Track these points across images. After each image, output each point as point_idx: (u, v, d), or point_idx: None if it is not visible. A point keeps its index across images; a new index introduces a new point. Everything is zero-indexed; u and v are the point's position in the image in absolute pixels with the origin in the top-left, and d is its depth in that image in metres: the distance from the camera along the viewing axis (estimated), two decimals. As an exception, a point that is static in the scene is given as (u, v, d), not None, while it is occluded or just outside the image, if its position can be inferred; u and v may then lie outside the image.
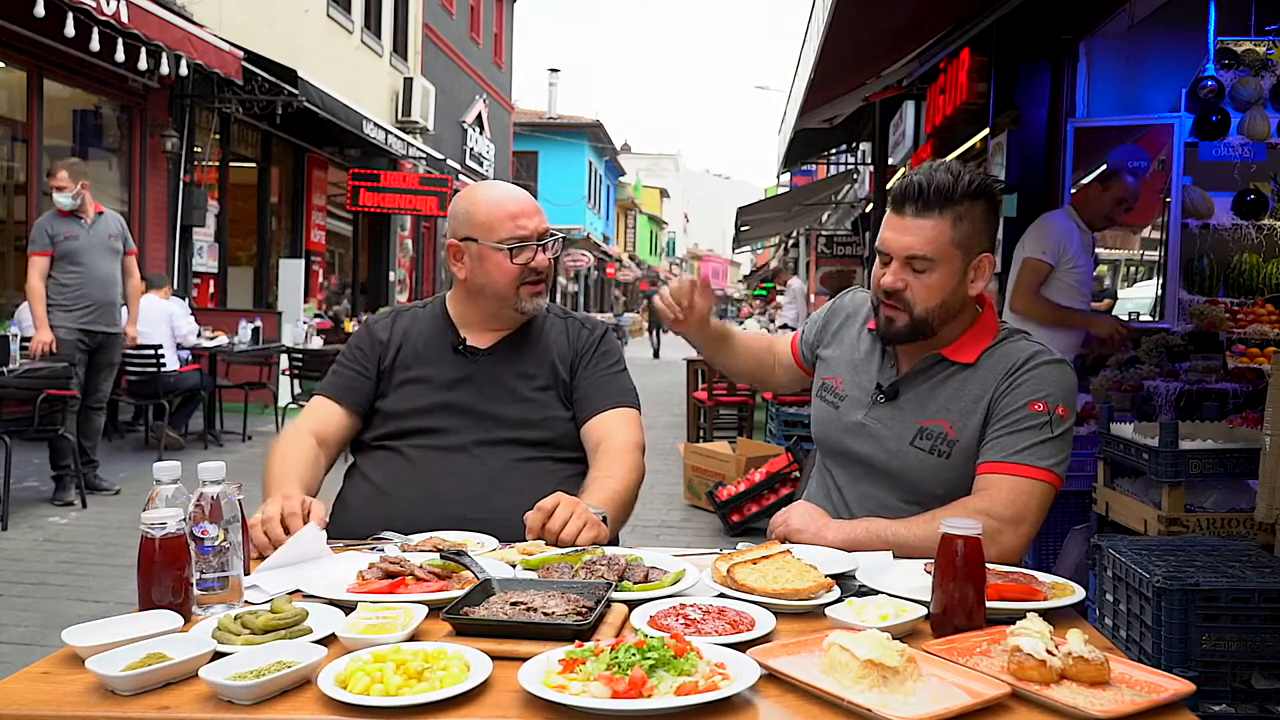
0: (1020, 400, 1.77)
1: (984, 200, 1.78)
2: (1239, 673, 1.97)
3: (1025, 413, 1.76)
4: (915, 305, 1.79)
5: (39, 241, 5.62)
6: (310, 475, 1.97)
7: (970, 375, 1.84)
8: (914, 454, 1.84)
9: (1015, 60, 5.63)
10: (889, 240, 1.80)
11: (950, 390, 1.84)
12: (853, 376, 1.97)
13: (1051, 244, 4.20)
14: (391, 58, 15.41)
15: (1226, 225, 5.34)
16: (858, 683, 1.10)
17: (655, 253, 58.61)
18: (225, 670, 1.12)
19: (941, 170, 1.77)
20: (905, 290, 1.79)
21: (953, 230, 1.75)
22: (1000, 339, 1.86)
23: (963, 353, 1.85)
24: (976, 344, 1.85)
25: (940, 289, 1.78)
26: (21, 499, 5.63)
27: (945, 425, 1.82)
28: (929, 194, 1.74)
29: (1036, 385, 1.78)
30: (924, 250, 1.76)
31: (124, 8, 6.81)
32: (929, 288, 1.78)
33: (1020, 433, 1.76)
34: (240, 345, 8.31)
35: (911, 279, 1.78)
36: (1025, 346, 1.85)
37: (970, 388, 1.83)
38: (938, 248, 1.76)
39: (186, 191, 9.82)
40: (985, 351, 1.84)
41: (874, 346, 1.96)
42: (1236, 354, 4.61)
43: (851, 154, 14.12)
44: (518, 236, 2.05)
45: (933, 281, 1.77)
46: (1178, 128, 5.26)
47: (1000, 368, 1.82)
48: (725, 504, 5.54)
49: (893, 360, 1.92)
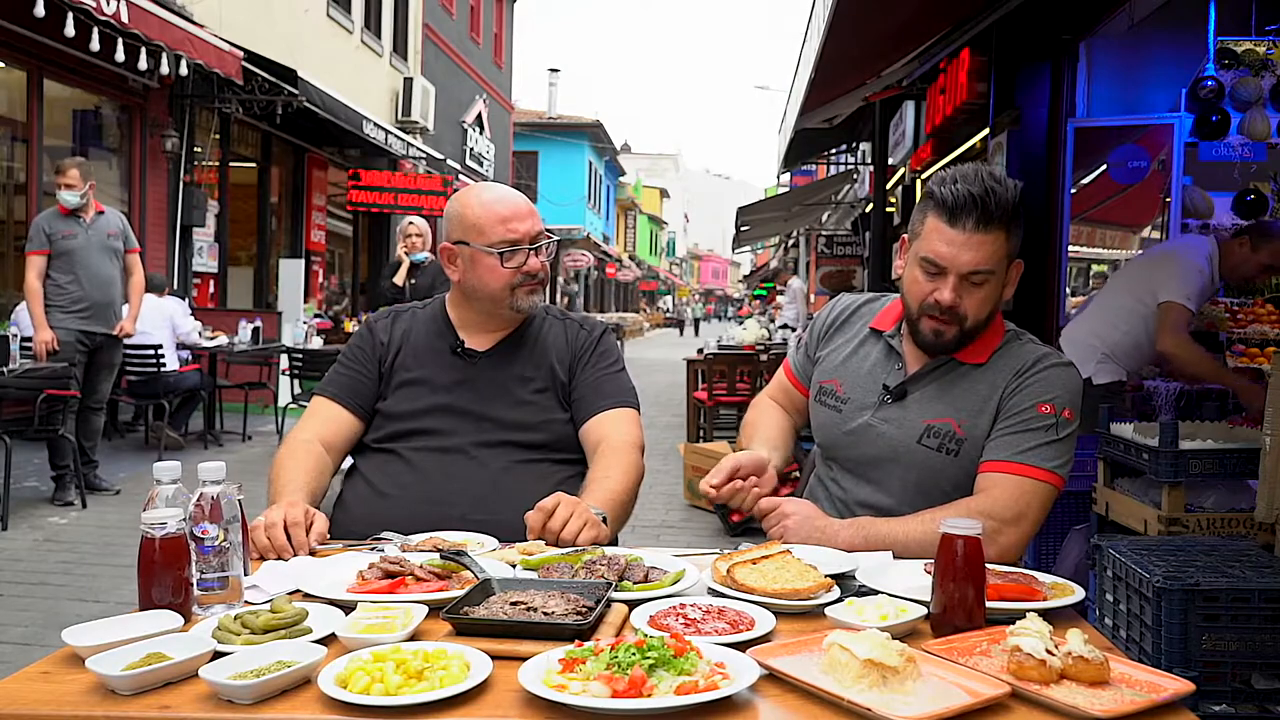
0: (1028, 401, 1.78)
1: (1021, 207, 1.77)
2: (1239, 673, 1.96)
3: (1032, 414, 1.77)
4: (968, 318, 1.78)
5: (36, 240, 5.61)
6: (316, 484, 1.97)
7: (980, 374, 1.84)
8: (921, 452, 1.84)
9: (1015, 60, 5.63)
10: (946, 256, 1.74)
11: (960, 389, 1.85)
12: (854, 379, 1.96)
13: (1196, 292, 3.76)
14: (391, 58, 15.41)
15: (1226, 225, 5.35)
16: (858, 682, 1.10)
17: (655, 253, 58.66)
18: (225, 670, 1.12)
19: (990, 180, 1.72)
20: (960, 308, 1.77)
21: (1008, 244, 1.75)
22: (1008, 338, 1.88)
23: (973, 354, 1.85)
24: (987, 344, 1.86)
25: (991, 300, 1.78)
26: (21, 499, 5.63)
27: (953, 423, 1.83)
28: (992, 209, 1.71)
29: (1045, 387, 1.79)
30: (986, 264, 1.74)
31: (124, 8, 6.81)
32: (983, 300, 1.77)
33: (1025, 433, 1.77)
34: (240, 345, 8.31)
35: (966, 292, 1.76)
36: (1034, 348, 1.86)
37: (980, 387, 1.83)
38: (996, 262, 1.75)
39: (186, 191, 9.82)
40: (995, 351, 1.85)
41: (879, 347, 1.96)
42: (1236, 354, 4.62)
43: (851, 154, 14.12)
44: (509, 240, 2.04)
45: (986, 294, 1.77)
46: (1178, 128, 5.26)
47: (1009, 368, 1.83)
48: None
49: (900, 362, 1.91)
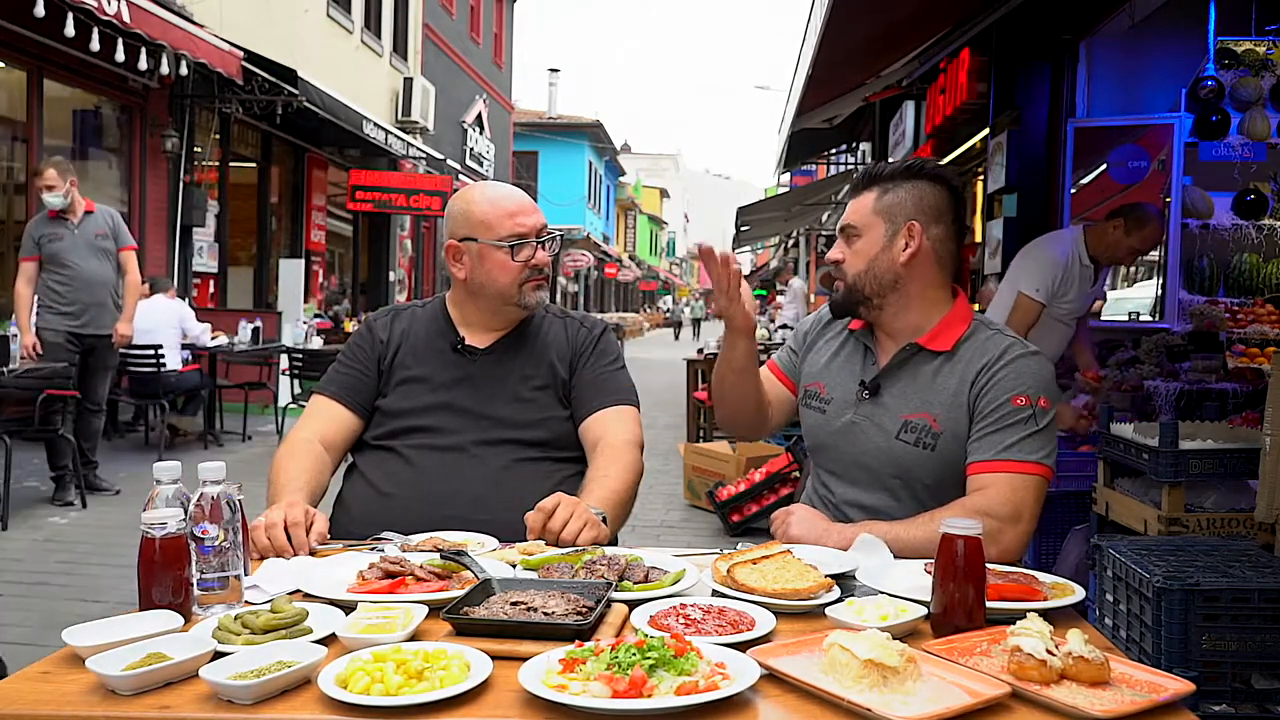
0: (1002, 396, 1.80)
1: (918, 180, 1.90)
2: (1239, 673, 1.96)
3: (1009, 408, 1.79)
4: (848, 272, 1.93)
5: (25, 246, 5.63)
6: (316, 483, 1.97)
7: (947, 365, 1.87)
8: (901, 447, 1.87)
9: (1015, 60, 5.64)
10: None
11: (930, 382, 1.87)
12: (835, 379, 2.00)
13: (1045, 280, 3.90)
14: (391, 58, 15.41)
15: (1226, 225, 5.35)
16: (858, 683, 1.10)
17: (655, 253, 58.65)
18: (225, 670, 1.12)
19: (884, 163, 2.00)
20: (843, 261, 1.94)
21: (876, 201, 1.91)
22: (975, 328, 1.91)
23: (938, 341, 1.89)
24: (951, 332, 1.90)
25: (865, 254, 1.91)
26: (21, 499, 5.63)
27: (929, 418, 1.85)
28: (861, 178, 1.96)
29: (1016, 380, 1.81)
30: (850, 219, 1.94)
31: (125, 8, 6.81)
32: (856, 253, 1.92)
33: (1006, 429, 1.79)
34: (240, 345, 8.31)
35: (847, 250, 1.94)
36: (1000, 340, 1.88)
37: (949, 380, 1.86)
38: (861, 216, 1.92)
39: (186, 191, 9.81)
40: (960, 340, 1.89)
41: (854, 346, 2.01)
42: (1236, 354, 4.62)
43: (851, 154, 14.13)
44: (517, 234, 2.05)
45: (859, 247, 1.92)
46: (1178, 128, 5.26)
47: (976, 361, 1.85)
48: (725, 504, 5.54)
49: (873, 357, 1.96)
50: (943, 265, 1.91)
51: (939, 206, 1.89)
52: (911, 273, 1.89)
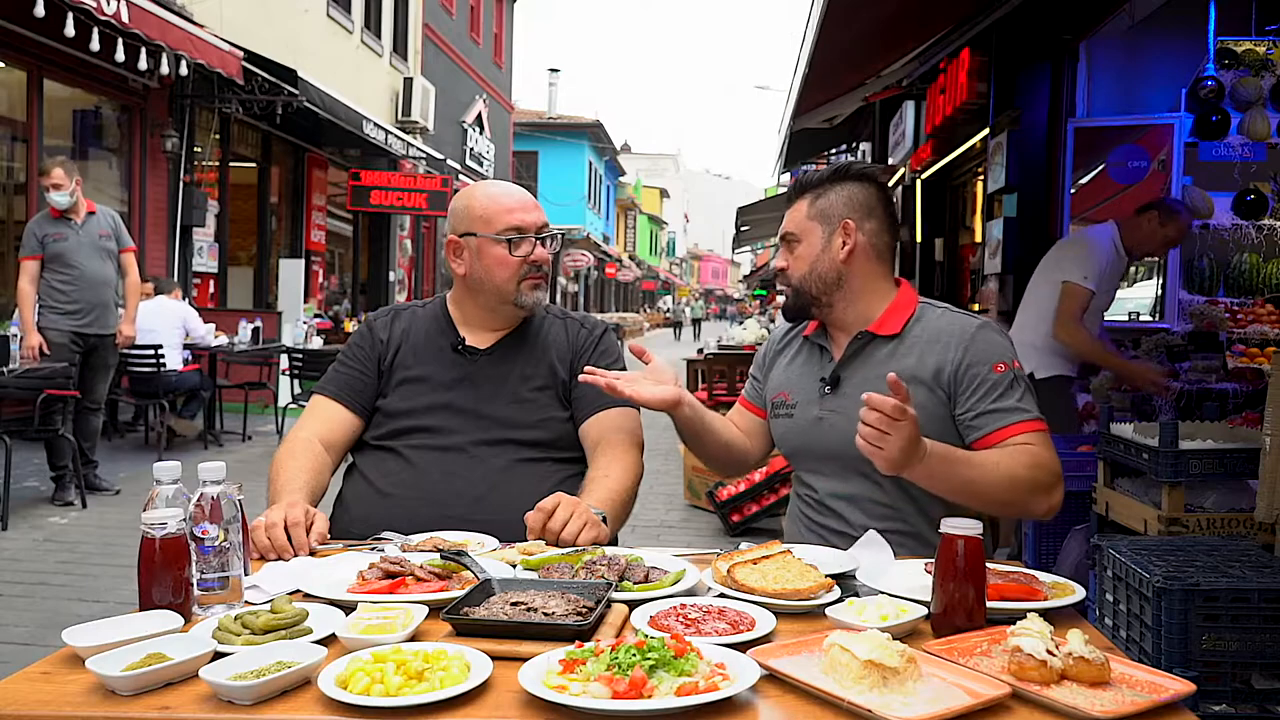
0: (984, 369, 1.87)
1: (846, 181, 1.98)
2: (1239, 673, 1.96)
3: (995, 377, 1.86)
4: (793, 277, 2.01)
5: (28, 245, 5.62)
6: (316, 483, 1.97)
7: (901, 347, 1.93)
8: None
9: (1015, 60, 5.64)
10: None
11: (885, 364, 1.90)
12: (797, 383, 2.05)
13: (1095, 268, 3.90)
14: (391, 58, 15.41)
15: (1226, 225, 5.36)
16: (858, 683, 1.10)
17: (655, 253, 58.64)
18: (225, 670, 1.12)
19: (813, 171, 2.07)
20: (788, 268, 2.02)
21: (810, 207, 1.99)
22: (921, 310, 1.98)
23: (887, 325, 1.96)
24: (898, 316, 1.97)
25: (807, 258, 1.99)
26: (21, 499, 5.63)
27: None
28: (794, 188, 2.05)
29: (989, 350, 1.88)
30: (789, 228, 2.02)
31: (124, 8, 6.81)
32: (798, 258, 2.00)
33: (1003, 394, 1.85)
34: (240, 345, 8.32)
35: (790, 257, 2.02)
36: (958, 317, 1.95)
37: (906, 359, 1.91)
38: (798, 223, 2.00)
39: (186, 191, 9.81)
40: (909, 321, 1.95)
41: (810, 349, 2.07)
42: (1236, 354, 4.62)
43: (851, 154, 14.11)
44: (515, 229, 2.06)
45: (801, 252, 2.00)
46: (1178, 128, 5.26)
47: (933, 339, 1.91)
48: (725, 504, 5.54)
49: (829, 355, 2.02)
50: (881, 257, 1.99)
51: (869, 203, 1.98)
52: (852, 268, 1.96)
